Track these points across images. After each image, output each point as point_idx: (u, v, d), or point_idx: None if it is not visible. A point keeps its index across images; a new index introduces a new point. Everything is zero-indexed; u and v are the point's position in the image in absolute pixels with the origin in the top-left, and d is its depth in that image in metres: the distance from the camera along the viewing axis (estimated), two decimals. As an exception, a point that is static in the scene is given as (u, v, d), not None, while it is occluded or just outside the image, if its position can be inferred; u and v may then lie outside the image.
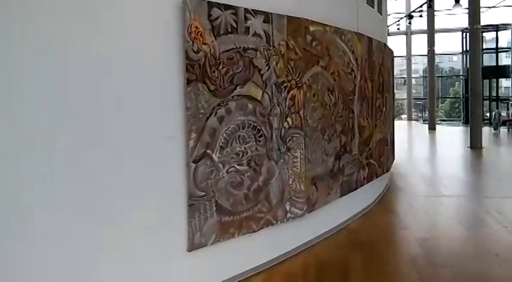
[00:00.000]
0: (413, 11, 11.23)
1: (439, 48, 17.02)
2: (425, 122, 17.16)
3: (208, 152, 2.54)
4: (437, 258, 3.11)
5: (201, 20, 2.46)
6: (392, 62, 6.09)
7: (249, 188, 2.81)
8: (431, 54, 15.97)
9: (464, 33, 17.25)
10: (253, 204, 2.84)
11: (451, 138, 12.64)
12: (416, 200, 4.95)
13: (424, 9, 9.63)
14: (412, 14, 15.19)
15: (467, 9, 9.76)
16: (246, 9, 2.73)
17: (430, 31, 16.03)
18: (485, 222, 3.92)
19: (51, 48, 1.94)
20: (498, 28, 17.41)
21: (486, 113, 16.43)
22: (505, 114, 14.98)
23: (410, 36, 20.71)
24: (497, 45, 17.85)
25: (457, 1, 9.80)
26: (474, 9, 9.93)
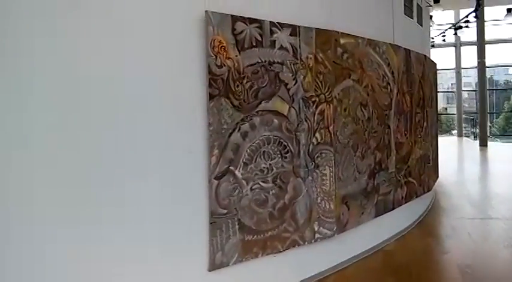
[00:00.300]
0: (458, 22, 10.73)
1: (493, 60, 16.10)
2: (477, 138, 16.23)
3: (231, 168, 2.48)
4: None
5: (224, 34, 2.43)
6: (435, 74, 5.80)
7: (274, 206, 2.71)
8: (481, 66, 15.19)
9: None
10: (278, 223, 2.73)
11: (504, 155, 11.84)
12: (460, 223, 4.60)
13: (471, 20, 9.19)
14: (461, 25, 14.57)
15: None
16: (271, 22, 2.67)
17: (480, 42, 15.31)
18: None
19: (76, 69, 1.98)
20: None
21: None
22: None
23: (460, 48, 19.86)
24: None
25: (510, 10, 9.22)
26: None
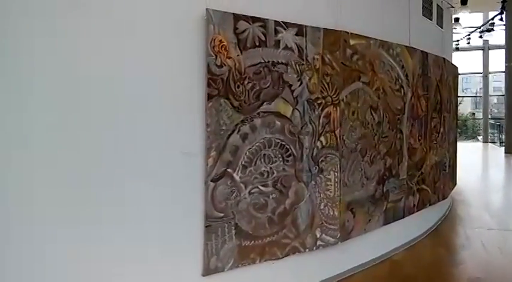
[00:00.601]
0: (483, 25, 10.37)
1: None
2: (503, 145, 15.67)
3: (229, 171, 2.41)
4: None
5: (225, 33, 2.36)
6: (455, 78, 5.59)
7: (273, 211, 2.62)
8: (509, 70, 14.67)
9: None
10: (278, 229, 2.65)
11: (530, 163, 11.40)
12: (476, 233, 4.40)
13: (496, 23, 8.84)
14: (488, 28, 14.15)
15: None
16: (276, 21, 2.59)
17: (508, 45, 14.77)
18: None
19: (76, 68, 1.95)
20: None
21: None
22: None
23: (488, 51, 19.22)
24: None
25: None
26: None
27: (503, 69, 14.32)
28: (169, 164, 2.25)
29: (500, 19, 8.42)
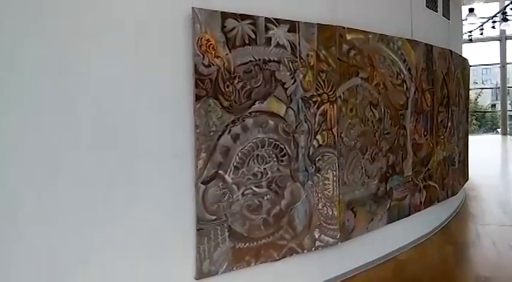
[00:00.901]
0: (495, 15, 10.06)
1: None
2: (522, 137, 15.23)
3: (220, 172, 2.36)
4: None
5: (213, 32, 2.31)
6: (464, 71, 5.42)
7: (268, 212, 2.57)
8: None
9: None
10: (273, 231, 2.59)
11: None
12: (487, 230, 4.26)
13: (509, 13, 8.56)
14: (505, 17, 13.78)
15: None
16: (267, 18, 2.53)
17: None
18: None
19: (61, 68, 1.93)
20: None
21: None
22: None
23: (505, 41, 18.70)
24: None
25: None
26: None
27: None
28: (158, 167, 2.22)
29: None
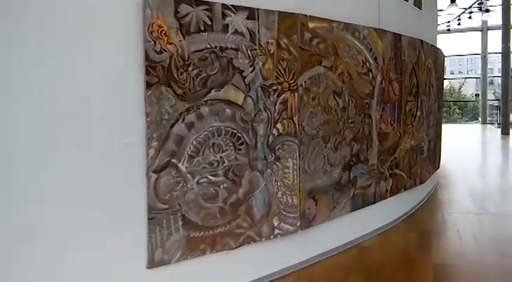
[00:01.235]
0: (470, 6, 10.12)
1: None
2: (500, 126, 15.51)
3: (173, 161, 2.34)
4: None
5: (165, 18, 2.26)
6: (437, 61, 5.45)
7: (225, 201, 2.56)
8: (505, 51, 14.43)
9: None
10: (230, 219, 2.59)
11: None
12: (453, 218, 4.34)
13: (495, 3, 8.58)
14: (488, 8, 13.90)
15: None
16: (224, 4, 2.48)
17: (505, 26, 14.49)
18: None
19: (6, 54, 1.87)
20: None
21: None
22: None
23: (486, 32, 18.88)
24: None
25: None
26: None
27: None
28: (108, 156, 2.18)
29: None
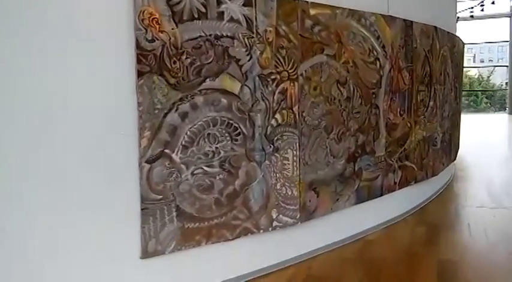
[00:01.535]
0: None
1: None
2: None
3: (166, 151, 2.31)
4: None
5: (157, 5, 2.22)
6: (454, 48, 5.24)
7: (221, 192, 2.52)
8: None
9: None
10: (226, 210, 2.55)
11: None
12: (466, 211, 4.20)
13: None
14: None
15: None
16: (218, -9, 2.42)
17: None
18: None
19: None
20: None
21: None
22: None
23: (516, 18, 18.12)
24: None
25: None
26: None
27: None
28: (101, 146, 2.16)
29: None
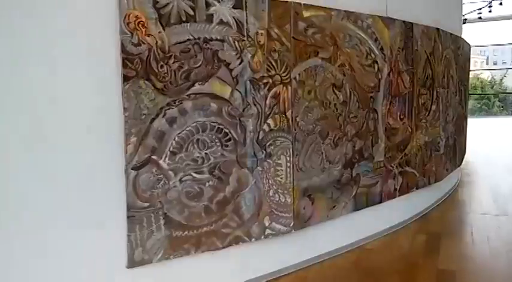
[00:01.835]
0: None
1: None
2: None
3: (153, 157, 2.25)
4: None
5: (143, 8, 2.17)
6: (458, 50, 5.13)
7: (211, 199, 2.46)
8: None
9: None
10: (217, 218, 2.49)
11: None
12: (469, 218, 4.08)
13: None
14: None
15: None
16: (207, -7, 2.37)
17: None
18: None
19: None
20: None
21: None
22: None
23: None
24: None
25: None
26: None
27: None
28: (86, 153, 2.11)
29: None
